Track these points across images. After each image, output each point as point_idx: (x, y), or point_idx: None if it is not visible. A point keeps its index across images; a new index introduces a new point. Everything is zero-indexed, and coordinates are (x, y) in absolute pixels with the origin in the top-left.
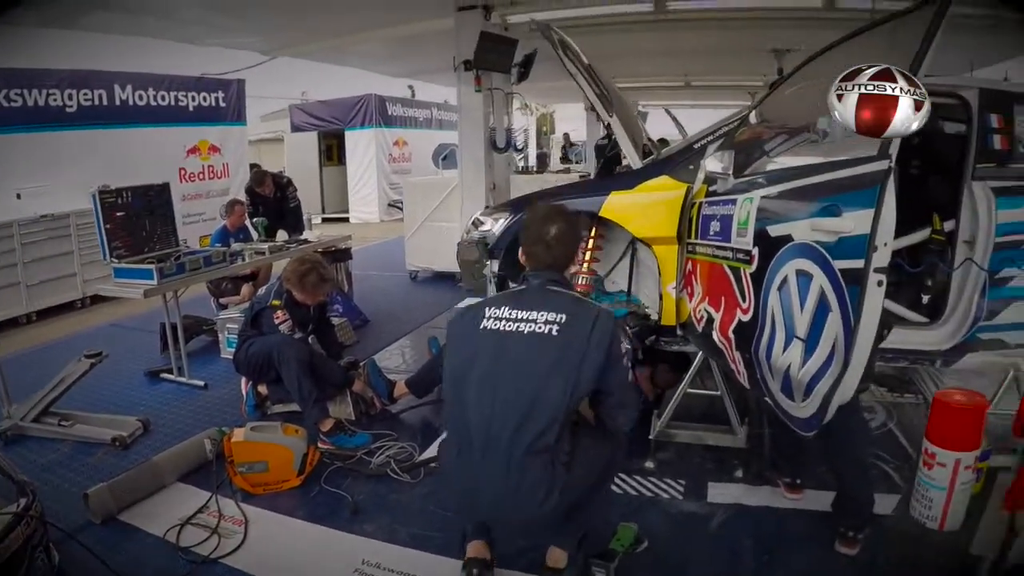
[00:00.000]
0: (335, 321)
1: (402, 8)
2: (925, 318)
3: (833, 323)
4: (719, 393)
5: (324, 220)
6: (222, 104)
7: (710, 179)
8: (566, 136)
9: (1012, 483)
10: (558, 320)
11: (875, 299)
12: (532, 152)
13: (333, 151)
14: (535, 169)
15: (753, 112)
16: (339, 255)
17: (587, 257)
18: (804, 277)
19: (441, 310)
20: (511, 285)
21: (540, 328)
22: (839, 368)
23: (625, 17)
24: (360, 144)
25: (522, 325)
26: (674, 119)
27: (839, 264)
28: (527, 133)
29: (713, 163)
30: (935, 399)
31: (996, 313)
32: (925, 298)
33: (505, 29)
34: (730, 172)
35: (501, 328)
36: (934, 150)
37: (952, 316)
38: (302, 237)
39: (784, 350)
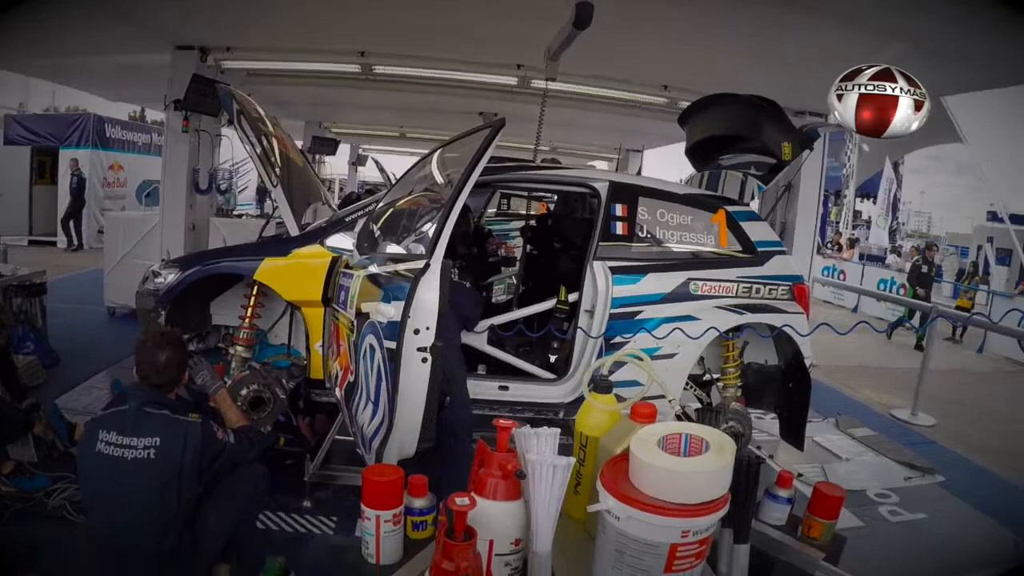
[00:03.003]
0: (25, 360)
1: (121, 37)
2: (552, 375)
3: (384, 391)
4: None
5: (31, 243)
6: None
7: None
8: None
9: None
10: (154, 444)
11: (420, 373)
12: (252, 187)
13: (46, 169)
14: (234, 212)
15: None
16: (33, 290)
17: (249, 314)
18: (371, 350)
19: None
20: None
21: (140, 454)
22: (386, 429)
23: (336, 74)
24: None
25: (126, 451)
26: (380, 168)
27: (387, 343)
28: (233, 173)
29: (340, 240)
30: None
31: (611, 372)
32: (552, 358)
33: (221, 72)
34: (353, 249)
35: (111, 453)
36: (570, 231)
37: (574, 374)
38: None
39: (363, 409)
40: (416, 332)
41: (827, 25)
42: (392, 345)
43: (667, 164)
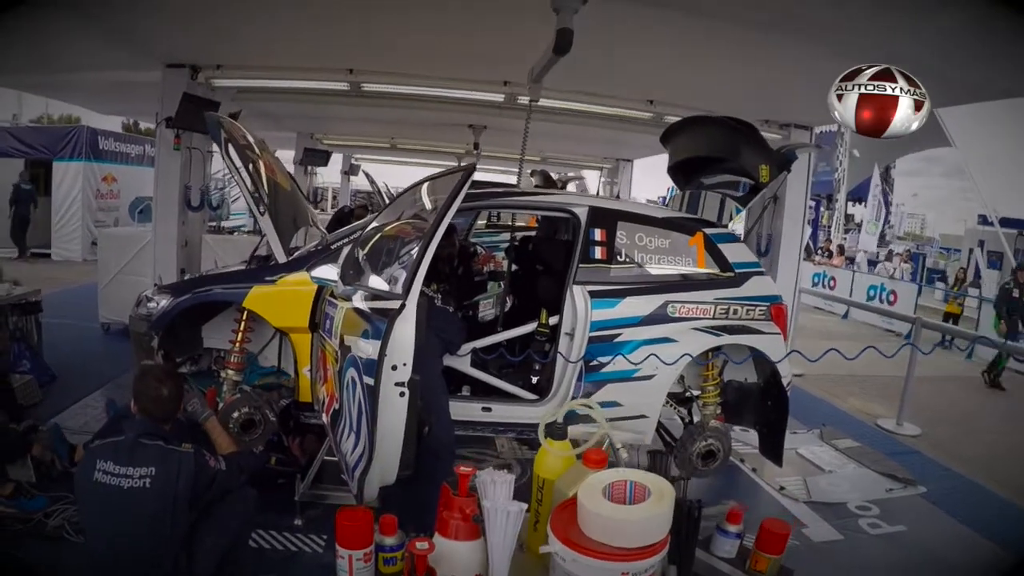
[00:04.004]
0: (22, 379)
1: (112, 55)
2: (535, 396)
3: (365, 423)
4: None
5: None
6: None
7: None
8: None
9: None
10: (150, 474)
11: (398, 407)
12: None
13: (40, 181)
14: (227, 229)
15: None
16: (29, 308)
17: (239, 338)
18: (353, 383)
19: (130, 367)
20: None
21: (136, 483)
22: (367, 460)
23: (325, 91)
24: (68, 176)
25: (123, 481)
26: (371, 181)
27: (367, 379)
28: (227, 184)
29: (325, 271)
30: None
31: (591, 394)
32: (534, 379)
33: (211, 90)
34: (338, 280)
35: (108, 482)
36: (551, 254)
37: (556, 395)
38: None
39: (346, 438)
40: (394, 368)
41: (811, 46)
42: (371, 381)
43: (657, 173)
